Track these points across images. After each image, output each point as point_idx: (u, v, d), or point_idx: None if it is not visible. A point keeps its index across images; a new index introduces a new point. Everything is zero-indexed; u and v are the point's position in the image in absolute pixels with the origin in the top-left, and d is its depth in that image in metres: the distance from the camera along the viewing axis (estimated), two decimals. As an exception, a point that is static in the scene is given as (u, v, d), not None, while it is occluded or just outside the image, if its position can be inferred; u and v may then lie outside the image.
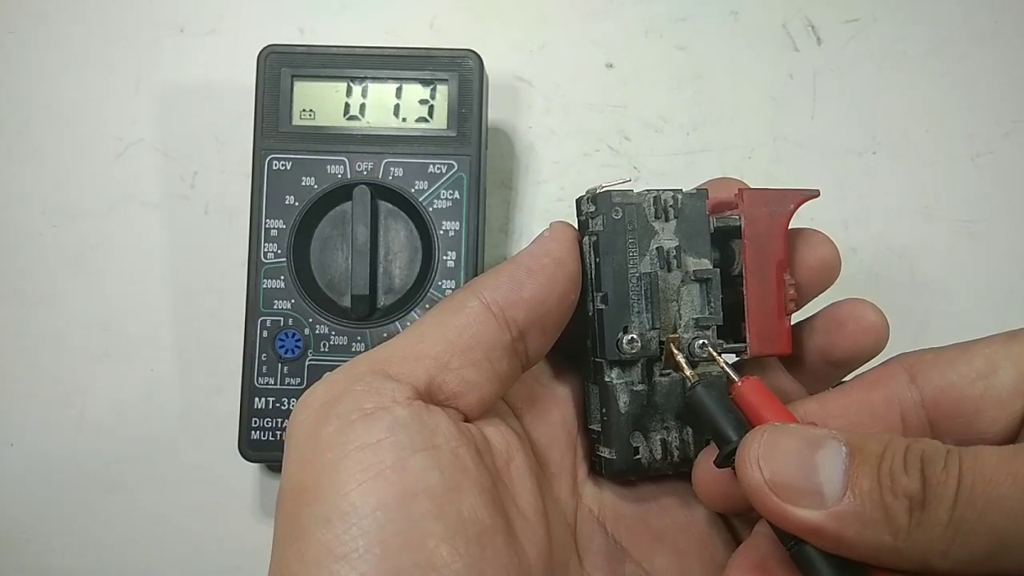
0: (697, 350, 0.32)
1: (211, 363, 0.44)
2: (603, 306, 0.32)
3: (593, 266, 0.32)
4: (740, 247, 0.33)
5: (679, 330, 0.32)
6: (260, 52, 0.41)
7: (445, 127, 0.41)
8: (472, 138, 0.41)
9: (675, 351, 0.32)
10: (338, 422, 0.27)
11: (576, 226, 0.33)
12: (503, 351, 0.30)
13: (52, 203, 0.45)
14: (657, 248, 0.32)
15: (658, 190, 0.33)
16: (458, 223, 0.40)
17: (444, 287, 0.40)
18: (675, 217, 0.33)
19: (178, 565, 0.43)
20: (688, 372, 0.31)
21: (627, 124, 0.46)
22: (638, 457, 0.32)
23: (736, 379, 0.30)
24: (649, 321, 0.32)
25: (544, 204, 0.45)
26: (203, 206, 0.45)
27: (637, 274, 0.32)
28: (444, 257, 0.40)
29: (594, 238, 0.32)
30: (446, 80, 0.41)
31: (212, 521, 0.43)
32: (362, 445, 0.26)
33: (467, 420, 0.30)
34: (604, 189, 0.32)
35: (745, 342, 0.33)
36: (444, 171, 0.40)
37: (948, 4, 0.47)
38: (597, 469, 0.33)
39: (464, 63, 0.41)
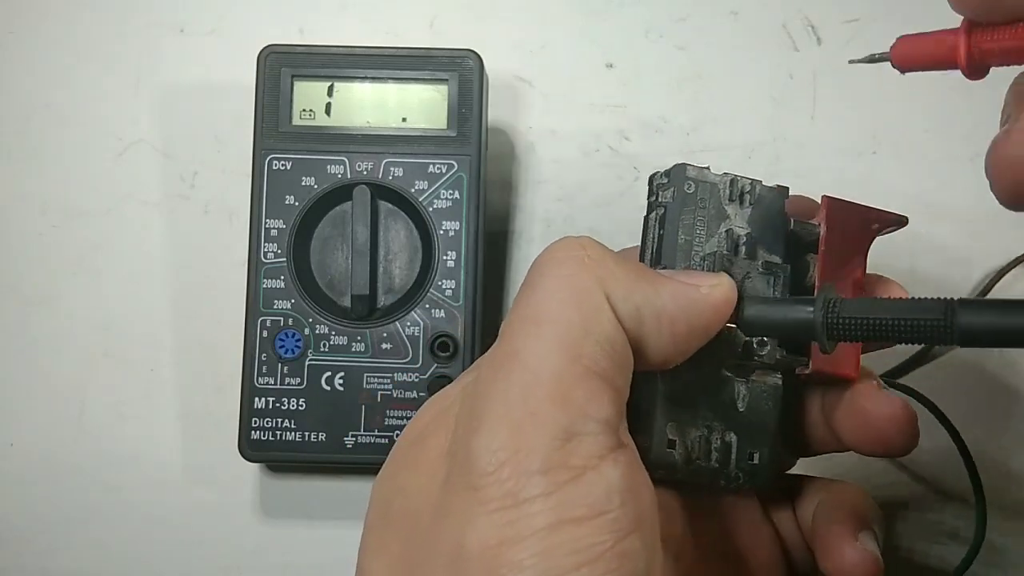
0: (755, 347, 0.29)
1: (211, 363, 0.44)
2: None
3: (656, 239, 0.30)
4: (815, 260, 0.31)
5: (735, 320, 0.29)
6: (260, 52, 0.41)
7: (445, 127, 0.41)
8: (472, 138, 0.41)
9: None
10: (544, 484, 0.22)
11: (646, 211, 0.31)
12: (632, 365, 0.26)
13: (52, 203, 0.45)
14: (727, 231, 0.30)
15: (735, 175, 0.31)
16: (458, 223, 0.40)
17: (444, 287, 0.40)
18: (751, 205, 0.30)
19: (178, 565, 0.43)
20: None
21: (627, 124, 0.46)
22: (672, 451, 0.29)
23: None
24: None
25: (544, 204, 0.45)
26: (203, 206, 0.45)
27: (702, 253, 0.30)
28: (444, 257, 0.40)
29: (661, 211, 0.30)
30: (446, 80, 0.41)
31: (212, 521, 0.43)
32: (576, 520, 0.22)
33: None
34: (681, 163, 0.30)
35: (808, 356, 0.30)
36: (444, 171, 0.40)
37: (948, 4, 0.47)
38: None
39: (464, 63, 0.41)
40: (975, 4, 0.26)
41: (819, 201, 0.33)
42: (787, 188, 0.31)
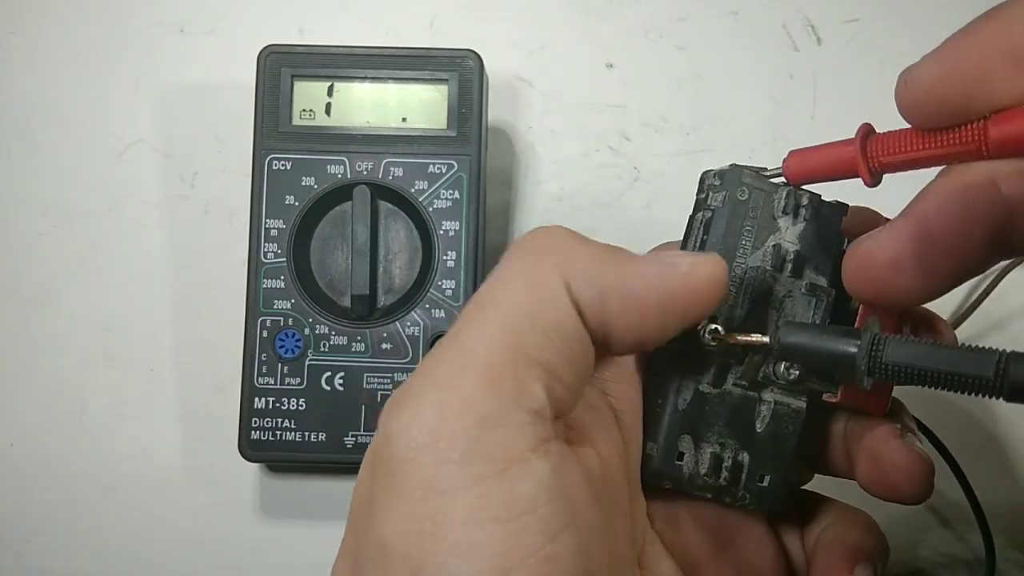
0: (782, 371, 0.28)
1: (211, 363, 0.44)
2: None
3: (698, 244, 0.29)
4: None
5: (770, 343, 0.28)
6: (260, 52, 0.41)
7: (445, 127, 0.41)
8: (472, 138, 0.41)
9: (743, 338, 0.28)
10: (465, 476, 0.21)
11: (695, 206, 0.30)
12: (592, 354, 0.25)
13: (52, 203, 0.45)
14: (774, 246, 0.29)
15: (793, 186, 0.29)
16: (458, 223, 0.40)
17: (444, 287, 0.40)
18: (804, 220, 0.29)
19: (178, 565, 0.43)
20: (758, 339, 0.27)
21: (627, 124, 0.46)
22: (680, 463, 0.28)
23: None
24: (741, 319, 0.28)
25: (544, 204, 0.45)
26: (203, 206, 0.45)
27: (744, 265, 0.28)
28: (444, 257, 0.40)
29: (708, 214, 0.29)
30: (446, 80, 0.41)
31: (212, 521, 0.43)
32: (500, 518, 0.21)
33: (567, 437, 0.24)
34: (737, 165, 0.29)
35: (837, 385, 0.29)
36: (444, 171, 0.40)
37: (948, 4, 0.47)
38: None
39: (464, 63, 0.41)
40: (926, 112, 0.27)
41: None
42: (846, 205, 0.30)
